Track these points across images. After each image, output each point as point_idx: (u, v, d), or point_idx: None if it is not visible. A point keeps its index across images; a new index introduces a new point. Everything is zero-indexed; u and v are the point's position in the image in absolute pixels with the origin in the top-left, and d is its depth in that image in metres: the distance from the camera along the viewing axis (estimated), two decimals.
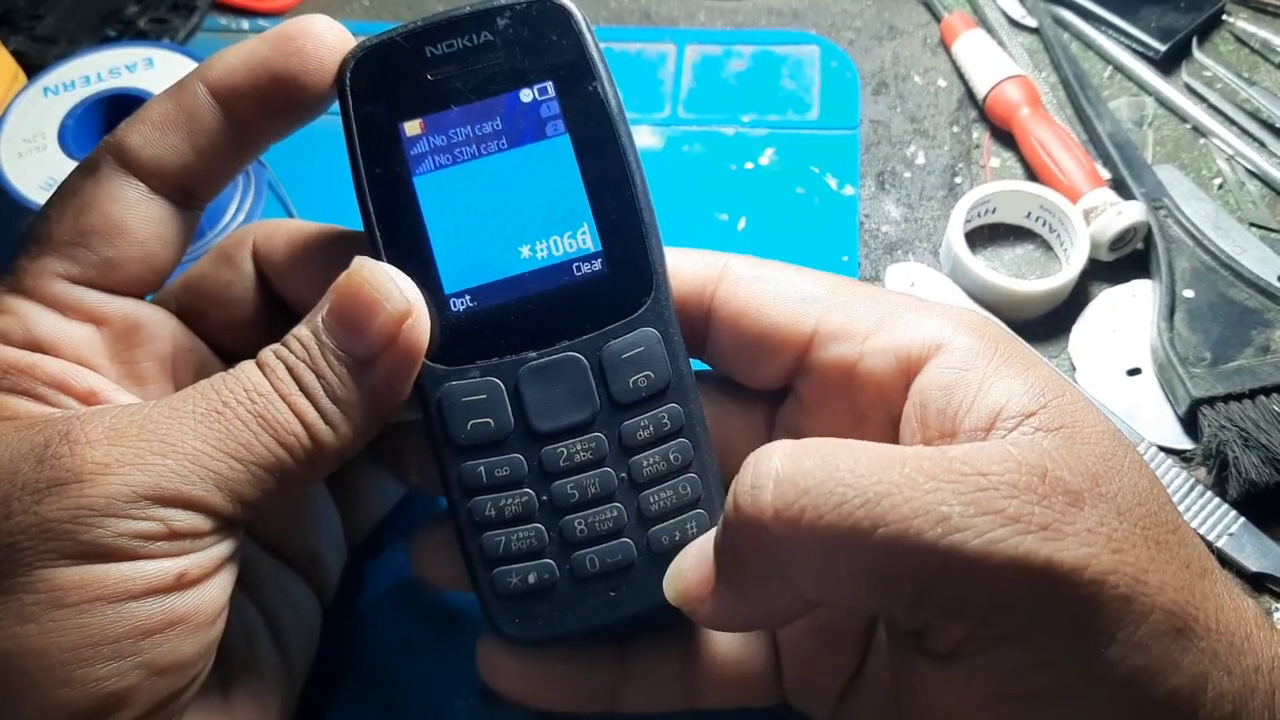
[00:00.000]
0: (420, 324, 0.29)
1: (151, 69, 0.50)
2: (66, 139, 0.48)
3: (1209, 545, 0.41)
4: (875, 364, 0.30)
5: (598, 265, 0.30)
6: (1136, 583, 0.23)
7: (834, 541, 0.24)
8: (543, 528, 0.30)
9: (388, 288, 0.28)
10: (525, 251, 0.30)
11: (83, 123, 0.49)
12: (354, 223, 0.33)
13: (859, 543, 0.24)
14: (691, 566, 0.28)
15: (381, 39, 0.30)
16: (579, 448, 0.30)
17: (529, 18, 0.30)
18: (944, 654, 0.25)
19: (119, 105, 0.49)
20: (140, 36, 0.58)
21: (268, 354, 0.28)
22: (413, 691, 0.38)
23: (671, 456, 0.31)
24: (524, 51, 0.30)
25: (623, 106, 0.31)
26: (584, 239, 0.30)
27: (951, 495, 0.23)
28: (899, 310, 0.30)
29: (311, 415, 0.28)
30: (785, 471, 0.25)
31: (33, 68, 0.54)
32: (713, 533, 0.28)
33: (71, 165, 0.47)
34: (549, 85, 0.30)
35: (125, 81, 0.50)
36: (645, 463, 0.31)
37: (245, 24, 0.60)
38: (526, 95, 0.30)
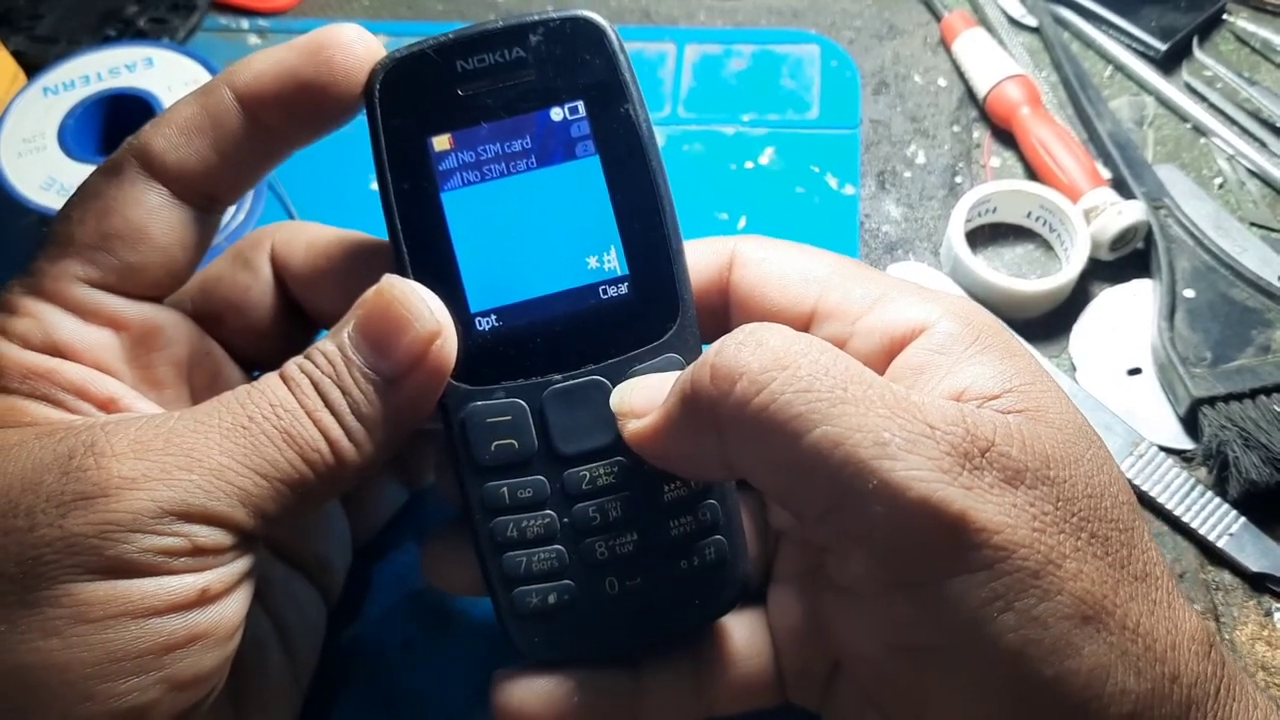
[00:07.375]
0: (448, 345, 0.29)
1: (151, 68, 0.50)
2: (66, 139, 0.48)
3: (1210, 545, 0.41)
4: (863, 344, 0.30)
5: (624, 289, 0.30)
6: (1049, 563, 0.24)
7: (779, 423, 0.25)
8: (564, 549, 0.30)
9: (418, 307, 0.28)
10: (551, 272, 0.30)
11: (82, 122, 0.49)
12: (353, 224, 0.33)
13: (800, 432, 0.25)
14: (647, 385, 0.29)
15: (412, 51, 0.29)
16: (601, 471, 0.30)
17: (562, 35, 0.30)
18: (843, 588, 0.26)
19: (119, 105, 0.49)
20: (140, 36, 0.58)
21: (292, 367, 0.28)
22: (415, 692, 0.38)
23: (692, 483, 0.31)
24: (556, 69, 0.30)
25: (653, 129, 0.30)
26: (611, 262, 0.30)
27: (897, 429, 0.24)
28: (892, 292, 0.30)
29: (336, 432, 0.28)
30: (775, 344, 0.26)
31: (32, 67, 0.54)
32: (677, 373, 0.28)
33: (71, 165, 0.47)
34: (580, 105, 0.30)
35: (125, 81, 0.50)
36: (666, 488, 0.31)
37: (245, 23, 0.60)
38: (557, 114, 0.30)
